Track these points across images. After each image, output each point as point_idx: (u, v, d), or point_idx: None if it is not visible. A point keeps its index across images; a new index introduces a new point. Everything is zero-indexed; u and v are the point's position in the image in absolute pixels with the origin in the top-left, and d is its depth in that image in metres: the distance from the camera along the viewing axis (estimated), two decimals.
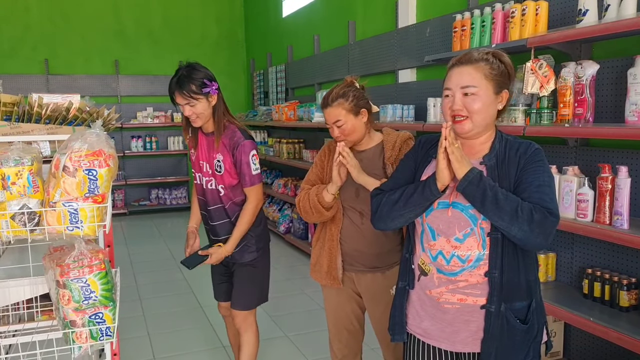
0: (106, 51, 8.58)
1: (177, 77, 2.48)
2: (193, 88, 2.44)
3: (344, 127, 2.24)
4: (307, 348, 3.64)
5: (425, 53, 4.07)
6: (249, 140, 2.53)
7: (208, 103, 2.50)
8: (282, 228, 6.62)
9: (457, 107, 1.61)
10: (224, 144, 2.54)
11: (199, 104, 2.47)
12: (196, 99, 2.46)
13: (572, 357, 2.98)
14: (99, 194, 1.53)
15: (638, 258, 2.61)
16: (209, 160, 2.60)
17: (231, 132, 2.54)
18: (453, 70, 1.65)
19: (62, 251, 1.70)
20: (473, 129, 1.62)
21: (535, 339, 1.65)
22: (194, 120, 2.52)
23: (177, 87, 2.46)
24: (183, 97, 2.45)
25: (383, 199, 1.73)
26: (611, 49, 2.76)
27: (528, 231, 1.50)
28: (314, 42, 6.55)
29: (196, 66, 2.54)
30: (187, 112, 2.49)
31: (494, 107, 1.64)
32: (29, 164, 1.50)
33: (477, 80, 1.60)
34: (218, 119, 2.53)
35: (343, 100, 2.24)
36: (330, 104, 2.26)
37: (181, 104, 2.49)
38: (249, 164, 2.51)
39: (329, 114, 2.28)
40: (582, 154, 2.85)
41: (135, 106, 8.68)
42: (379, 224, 1.76)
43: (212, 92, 2.48)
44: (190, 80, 2.45)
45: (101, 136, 1.55)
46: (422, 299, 1.72)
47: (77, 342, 1.59)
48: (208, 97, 2.49)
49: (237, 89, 9.41)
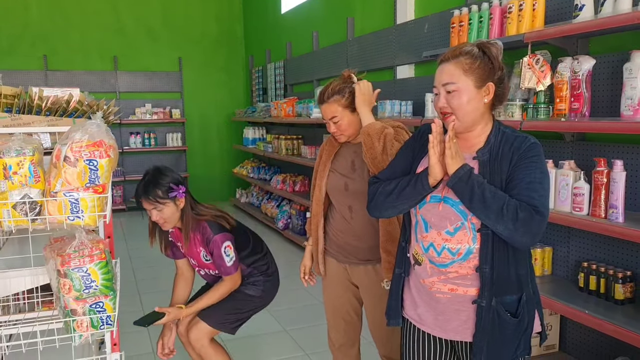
0: (105, 47, 8.58)
1: (143, 182, 2.52)
2: (159, 193, 2.48)
3: (340, 123, 2.26)
4: (306, 342, 3.67)
5: (424, 49, 4.09)
6: (218, 234, 2.57)
7: (176, 207, 2.54)
8: (281, 224, 6.64)
9: (441, 105, 1.64)
10: (198, 239, 2.62)
11: (166, 209, 2.51)
12: (163, 204, 2.49)
13: (567, 350, 3.01)
14: (100, 184, 1.55)
15: (633, 251, 2.64)
16: (192, 255, 2.69)
17: (202, 228, 2.60)
18: (438, 68, 1.67)
19: (62, 242, 1.71)
20: (461, 125, 1.63)
21: (526, 332, 1.67)
22: (162, 224, 2.57)
23: (144, 193, 2.50)
24: (149, 202, 2.49)
25: (379, 189, 1.75)
26: (608, 44, 2.78)
27: (513, 230, 1.50)
28: (313, 39, 6.56)
29: (163, 170, 2.57)
30: (154, 217, 2.54)
31: (477, 102, 1.62)
32: (30, 154, 1.52)
33: (456, 76, 1.61)
34: (186, 221, 2.57)
35: (339, 96, 2.25)
36: (326, 101, 2.27)
37: (148, 209, 2.53)
38: (222, 257, 2.56)
39: (325, 110, 2.29)
40: (578, 148, 2.87)
41: (134, 102, 8.68)
42: (374, 212, 1.80)
43: (178, 196, 2.52)
44: (156, 186, 2.49)
45: (102, 127, 1.57)
46: (417, 286, 1.75)
47: (77, 331, 1.61)
48: (175, 200, 2.52)
49: (235, 86, 9.42)
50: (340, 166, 2.38)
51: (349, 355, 2.57)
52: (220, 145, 9.48)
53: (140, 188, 2.51)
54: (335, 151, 2.42)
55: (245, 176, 8.40)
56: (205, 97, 9.19)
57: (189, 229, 2.58)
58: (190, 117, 9.11)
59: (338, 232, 2.40)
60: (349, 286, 2.47)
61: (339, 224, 2.39)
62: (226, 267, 2.58)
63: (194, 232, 2.59)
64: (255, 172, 8.11)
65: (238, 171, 8.72)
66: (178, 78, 8.98)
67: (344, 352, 2.57)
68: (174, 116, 8.83)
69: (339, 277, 2.47)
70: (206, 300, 2.63)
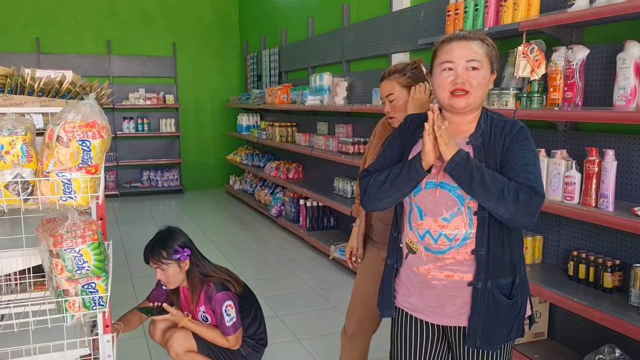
0: (98, 31, 8.50)
1: (152, 242, 2.65)
2: (164, 254, 2.59)
3: (395, 102, 2.24)
4: (298, 328, 3.69)
5: (419, 37, 4.08)
6: (221, 292, 2.63)
7: (180, 268, 2.63)
8: (274, 211, 6.65)
9: (461, 81, 1.61)
10: (202, 297, 2.69)
11: (169, 269, 2.61)
12: (166, 264, 2.60)
13: (556, 337, 3.04)
14: (92, 165, 1.54)
15: (622, 240, 2.67)
16: (192, 313, 2.74)
17: (206, 286, 2.67)
18: (453, 44, 1.64)
19: (55, 223, 1.71)
20: (470, 105, 1.63)
21: (519, 314, 1.70)
22: (166, 283, 2.68)
23: (150, 252, 2.63)
24: (154, 261, 2.62)
25: (370, 181, 1.73)
26: (602, 34, 2.79)
27: (514, 211, 1.53)
28: (308, 25, 6.53)
29: (174, 232, 2.69)
30: (158, 275, 2.65)
31: (488, 86, 1.67)
32: (22, 134, 1.51)
33: (481, 55, 1.63)
34: (192, 281, 2.66)
35: (399, 74, 2.26)
36: (387, 77, 2.28)
37: (153, 267, 2.64)
38: (223, 315, 2.62)
39: (384, 86, 2.29)
40: (571, 138, 2.89)
41: (127, 87, 8.63)
42: (368, 205, 1.76)
43: (182, 259, 2.61)
44: (162, 247, 2.61)
45: (95, 107, 1.56)
46: (409, 275, 1.75)
47: (70, 311, 1.61)
48: (179, 262, 2.62)
49: (230, 72, 9.37)
50: None
51: (357, 348, 2.51)
52: (214, 131, 9.45)
53: (149, 247, 2.65)
54: (386, 135, 2.36)
55: (238, 163, 8.39)
56: (199, 83, 9.14)
57: (196, 289, 2.67)
58: (184, 103, 9.06)
59: (377, 218, 2.37)
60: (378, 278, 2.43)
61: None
62: (225, 327, 2.62)
63: (199, 291, 2.68)
64: (249, 159, 8.10)
65: (232, 158, 8.70)
66: (172, 63, 8.92)
67: (353, 343, 2.50)
68: (167, 102, 8.78)
69: (373, 265, 2.40)
70: (206, 332, 2.67)
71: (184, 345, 2.66)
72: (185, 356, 2.67)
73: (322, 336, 3.51)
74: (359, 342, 2.50)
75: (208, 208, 7.88)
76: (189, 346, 2.67)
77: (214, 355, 2.71)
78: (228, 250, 5.50)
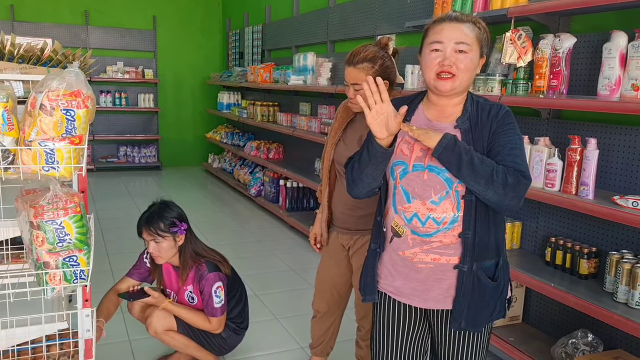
0: (76, 0, 8.25)
1: (148, 213, 2.57)
2: (161, 226, 2.53)
3: (362, 92, 2.20)
4: (276, 307, 3.70)
5: (406, 19, 4.05)
6: (213, 272, 2.59)
7: (174, 242, 2.58)
8: (253, 191, 6.61)
9: (448, 63, 1.58)
10: (191, 276, 2.64)
11: (164, 242, 2.55)
12: (162, 237, 2.54)
13: (530, 322, 3.11)
14: (76, 135, 1.50)
15: (599, 228, 2.72)
16: (178, 292, 2.69)
17: (197, 265, 2.62)
18: (444, 24, 1.62)
19: (35, 194, 1.66)
20: (456, 88, 1.62)
21: (502, 295, 1.72)
22: (156, 257, 2.60)
23: (146, 223, 2.55)
24: (149, 233, 2.54)
25: (349, 166, 1.74)
26: (589, 23, 2.81)
27: (502, 194, 1.53)
28: (293, 3, 6.44)
29: (170, 205, 2.64)
30: (151, 248, 2.57)
31: (475, 70, 1.65)
32: (3, 101, 1.45)
33: (471, 39, 1.60)
34: (184, 258, 2.61)
35: (369, 65, 2.12)
36: (355, 65, 2.14)
37: (147, 239, 2.57)
38: (211, 296, 2.58)
39: (350, 73, 2.16)
40: (554, 126, 2.92)
41: (105, 59, 8.41)
42: (352, 191, 1.76)
43: (179, 232, 2.57)
44: (160, 218, 2.54)
45: (80, 76, 1.51)
46: (393, 259, 1.73)
47: (50, 284, 1.58)
48: (175, 236, 2.57)
49: (211, 49, 9.21)
50: (349, 138, 2.32)
51: (324, 323, 2.65)
52: (193, 108, 9.31)
53: (144, 218, 2.56)
54: (348, 120, 2.34)
55: (218, 141, 8.30)
56: (179, 58, 8.97)
57: (187, 267, 2.62)
58: (163, 78, 8.90)
59: (337, 201, 2.37)
60: (343, 260, 2.46)
61: (339, 193, 2.37)
62: (213, 308, 2.59)
63: (190, 269, 2.63)
64: (228, 137, 8.02)
65: (211, 136, 8.60)
66: (152, 37, 8.73)
67: (322, 319, 2.65)
68: (146, 76, 8.61)
69: (336, 249, 2.46)
70: (187, 314, 2.65)
71: (163, 324, 2.64)
72: (164, 334, 2.65)
73: (300, 315, 3.53)
74: (327, 318, 2.64)
75: (186, 185, 7.80)
76: (168, 325, 2.65)
77: (194, 335, 2.70)
78: (206, 229, 5.46)
